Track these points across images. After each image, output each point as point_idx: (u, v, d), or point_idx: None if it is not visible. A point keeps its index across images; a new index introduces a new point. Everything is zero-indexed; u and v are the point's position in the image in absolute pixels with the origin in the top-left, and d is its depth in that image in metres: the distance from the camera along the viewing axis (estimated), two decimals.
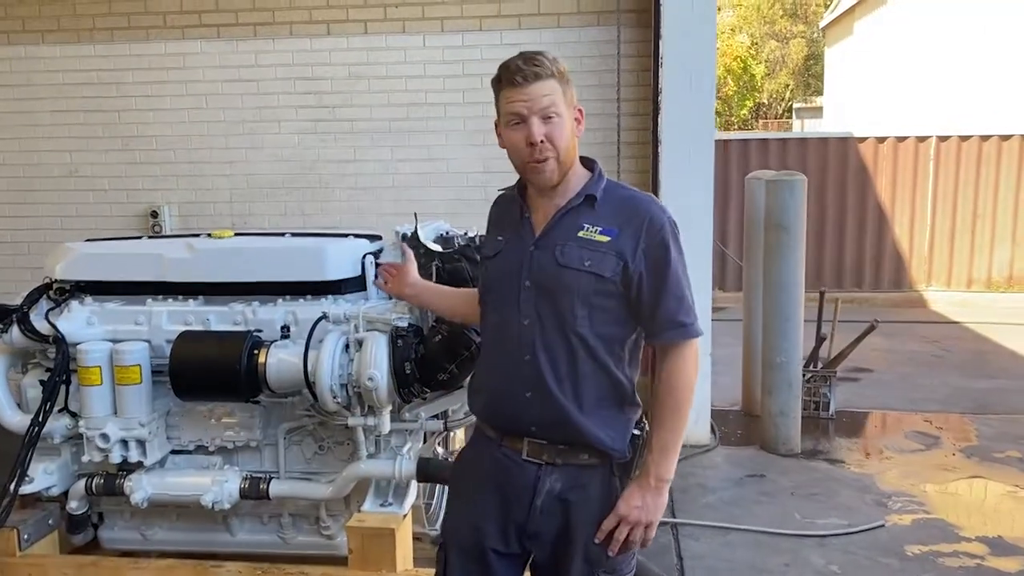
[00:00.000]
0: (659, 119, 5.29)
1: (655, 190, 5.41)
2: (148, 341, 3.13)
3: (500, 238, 2.19)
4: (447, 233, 3.43)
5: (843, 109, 21.27)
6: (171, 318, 3.18)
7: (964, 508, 4.66)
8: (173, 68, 6.09)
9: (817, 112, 26.77)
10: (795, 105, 30.63)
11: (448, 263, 2.97)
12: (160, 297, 3.26)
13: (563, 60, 2.05)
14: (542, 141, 1.98)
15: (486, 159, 5.84)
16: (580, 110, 2.10)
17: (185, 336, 3.03)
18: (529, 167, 2.04)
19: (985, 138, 10.51)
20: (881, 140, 10.70)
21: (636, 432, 2.12)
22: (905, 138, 10.67)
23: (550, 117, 1.99)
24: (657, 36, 5.28)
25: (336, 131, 6.03)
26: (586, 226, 2.05)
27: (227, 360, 2.92)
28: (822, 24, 25.86)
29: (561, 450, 2.07)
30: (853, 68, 20.63)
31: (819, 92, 28.06)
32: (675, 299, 2.06)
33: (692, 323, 2.08)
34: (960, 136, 10.54)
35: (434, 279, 2.94)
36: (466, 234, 3.46)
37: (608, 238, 2.03)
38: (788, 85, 31.23)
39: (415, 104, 5.94)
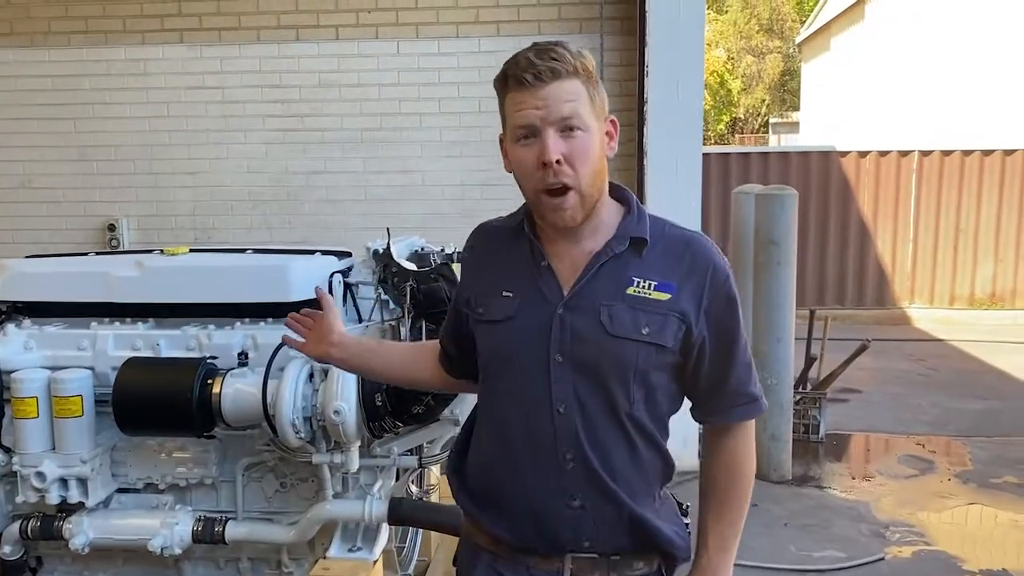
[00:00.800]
0: (644, 130, 5.07)
1: None
2: (92, 368, 2.83)
3: (508, 294, 1.65)
4: (422, 249, 3.16)
5: (820, 124, 21.27)
6: (118, 343, 2.88)
7: (965, 539, 4.45)
8: (133, 74, 5.79)
9: (793, 127, 26.82)
10: (771, 120, 30.71)
11: (424, 283, 2.69)
12: (106, 320, 2.96)
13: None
14: (558, 162, 1.50)
15: (463, 172, 5.60)
16: (613, 121, 1.62)
17: (131, 363, 2.74)
18: (544, 202, 1.55)
19: (967, 153, 10.41)
20: (863, 155, 10.58)
21: (685, 521, 1.75)
22: (887, 152, 10.55)
23: (572, 129, 1.52)
24: (643, 44, 5.06)
25: (305, 141, 5.76)
26: (636, 280, 1.58)
27: (177, 390, 2.62)
28: (798, 40, 25.95)
29: (615, 563, 1.65)
30: (830, 83, 20.64)
31: (795, 107, 28.12)
32: (744, 367, 1.67)
33: (762, 395, 1.71)
34: (942, 151, 10.44)
35: (408, 300, 2.67)
36: (443, 250, 3.20)
37: (667, 295, 1.58)
38: (764, 100, 31.28)
39: (388, 113, 5.68)
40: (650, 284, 1.58)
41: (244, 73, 5.74)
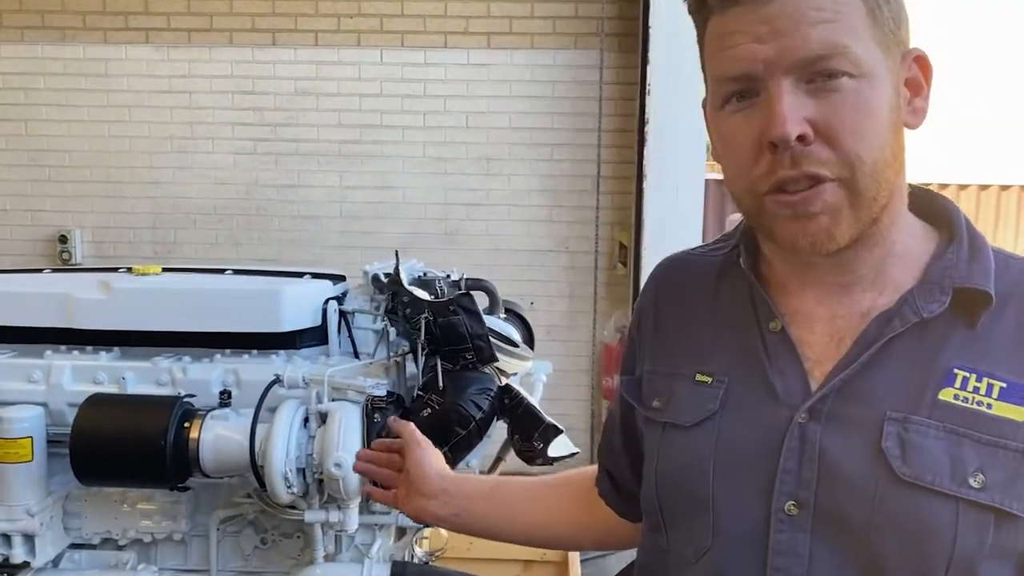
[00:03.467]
0: (644, 152, 4.79)
1: (637, 231, 4.90)
2: (45, 404, 2.44)
3: (705, 378, 0.94)
4: (424, 275, 2.82)
5: None
6: (77, 375, 2.48)
7: None
8: (93, 75, 5.36)
9: None
10: None
11: (441, 316, 2.33)
12: (63, 348, 2.57)
13: (540, 84, 1.02)
14: (801, 138, 0.81)
15: (447, 190, 5.26)
16: (920, 59, 0.89)
17: (93, 401, 2.34)
18: (773, 207, 0.85)
19: (984, 187, 10.38)
20: None
21: None
22: None
23: (830, 76, 0.81)
24: (644, 61, 4.79)
25: (278, 152, 5.39)
26: (960, 372, 0.83)
27: (148, 434, 2.24)
28: None
29: None
30: None
31: None
32: None
33: None
34: (959, 185, 10.40)
35: (422, 335, 2.32)
36: (448, 276, 2.85)
37: None
38: None
39: (369, 126, 5.33)
40: (993, 385, 0.82)
41: (214, 78, 5.35)
